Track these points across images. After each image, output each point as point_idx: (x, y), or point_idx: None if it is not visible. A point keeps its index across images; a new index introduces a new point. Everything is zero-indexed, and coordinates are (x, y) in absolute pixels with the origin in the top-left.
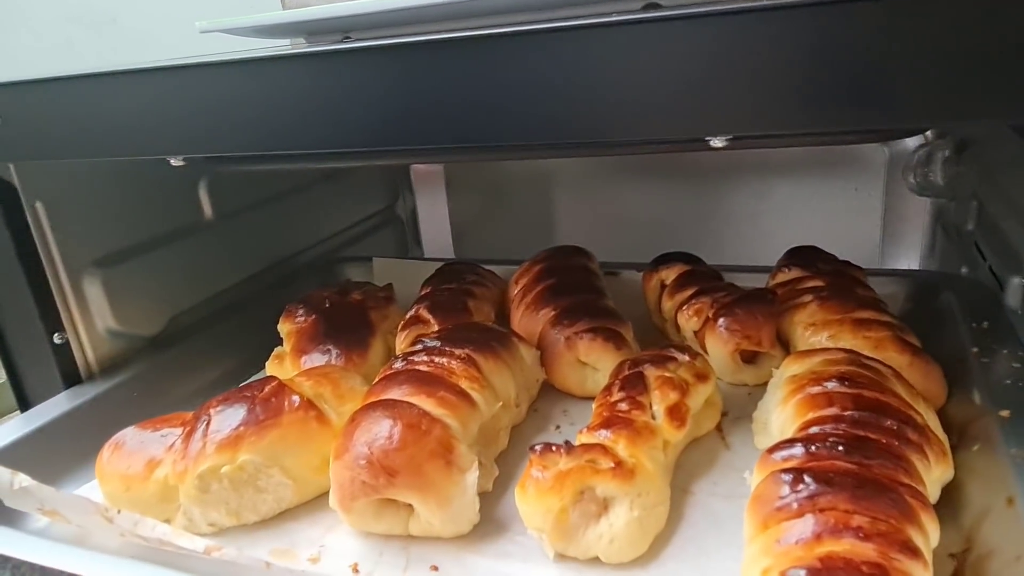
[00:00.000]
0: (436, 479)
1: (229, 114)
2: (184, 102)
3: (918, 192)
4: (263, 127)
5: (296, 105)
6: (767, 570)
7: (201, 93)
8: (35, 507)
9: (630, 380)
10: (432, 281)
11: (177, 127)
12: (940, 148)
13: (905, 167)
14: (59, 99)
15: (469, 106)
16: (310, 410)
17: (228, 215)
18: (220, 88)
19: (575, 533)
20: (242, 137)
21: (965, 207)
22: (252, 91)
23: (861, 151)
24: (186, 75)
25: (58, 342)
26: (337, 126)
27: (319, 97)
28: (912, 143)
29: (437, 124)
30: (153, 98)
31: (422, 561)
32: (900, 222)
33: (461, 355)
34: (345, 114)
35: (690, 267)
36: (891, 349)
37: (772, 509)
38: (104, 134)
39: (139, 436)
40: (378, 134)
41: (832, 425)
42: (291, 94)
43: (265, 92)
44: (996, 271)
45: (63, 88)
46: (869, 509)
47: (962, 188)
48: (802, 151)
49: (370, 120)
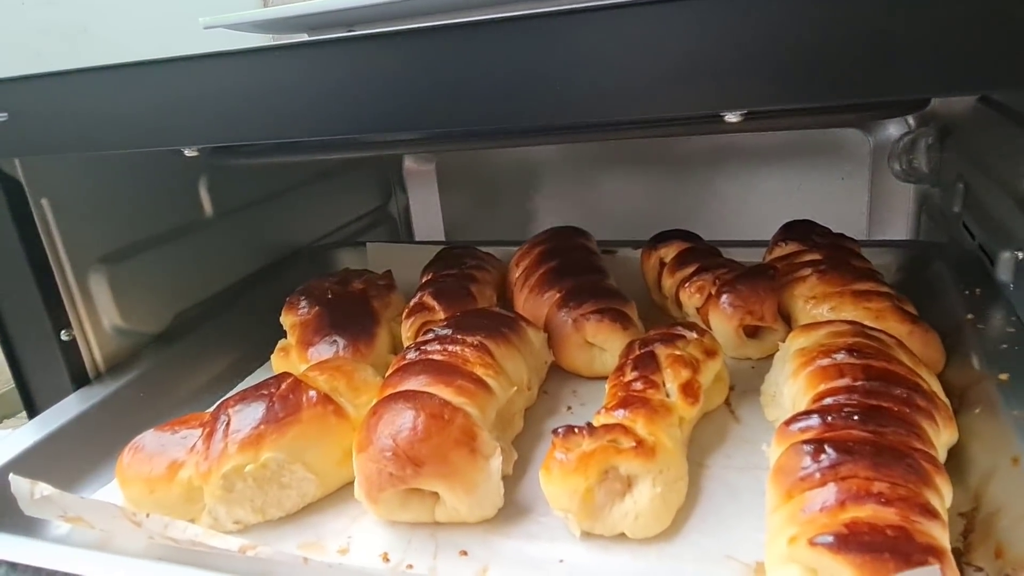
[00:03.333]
0: (462, 467)
1: (239, 104)
2: (194, 93)
3: (903, 178)
4: (273, 116)
5: (304, 94)
6: (794, 538)
7: (211, 84)
8: (57, 515)
9: (642, 360)
10: (433, 267)
11: (188, 118)
12: (923, 135)
13: (890, 155)
14: (67, 93)
15: (478, 90)
16: (328, 404)
17: (227, 213)
18: (230, 78)
19: (601, 512)
20: (252, 126)
21: (951, 190)
22: (261, 81)
23: (847, 140)
24: (195, 66)
25: (65, 339)
26: (344, 113)
27: (327, 85)
28: (896, 131)
29: (446, 108)
30: (163, 90)
31: (451, 546)
32: (885, 209)
33: (474, 343)
34: (352, 101)
35: (689, 244)
36: (892, 319)
37: (795, 479)
38: (113, 127)
39: (158, 439)
40: (385, 119)
41: (845, 396)
42: (299, 83)
43: (274, 81)
44: (985, 247)
45: (71, 82)
46: (888, 475)
47: (947, 173)
48: (790, 140)
49: (377, 106)
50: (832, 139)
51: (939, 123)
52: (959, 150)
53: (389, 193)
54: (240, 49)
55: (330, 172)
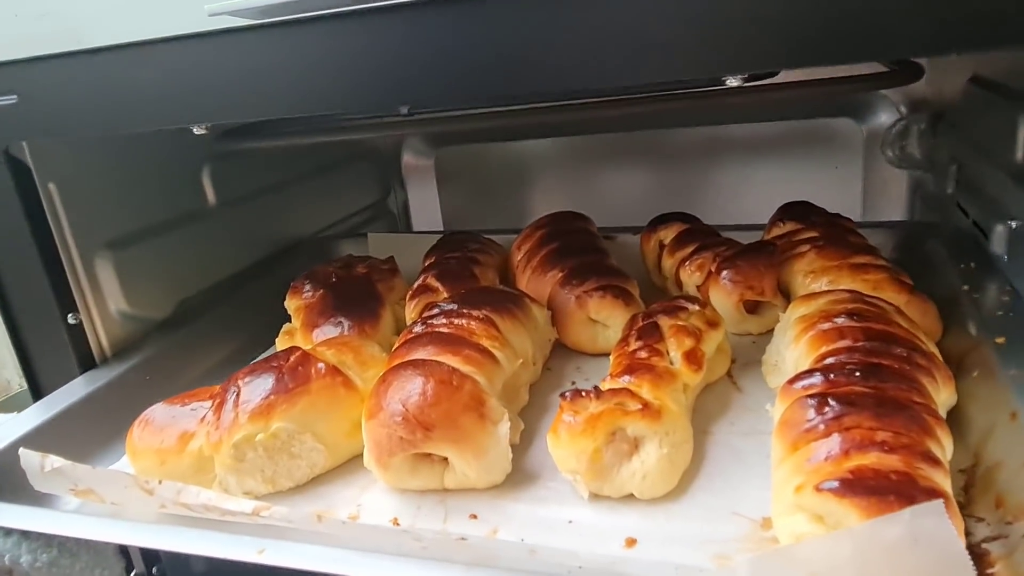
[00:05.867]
0: (471, 431)
1: (246, 81)
2: (201, 71)
3: (897, 165)
4: (278, 92)
5: (309, 69)
6: (800, 487)
7: (217, 61)
8: (68, 488)
9: (646, 330)
10: (436, 251)
11: (196, 96)
12: (915, 121)
13: (883, 142)
14: (75, 74)
15: (479, 61)
16: (337, 376)
17: (229, 203)
18: (235, 56)
19: (609, 472)
20: (259, 102)
21: (943, 173)
22: (265, 58)
23: (840, 130)
24: (201, 45)
25: (72, 323)
26: (348, 88)
27: (330, 60)
28: (888, 119)
29: (446, 81)
30: (170, 68)
31: (460, 511)
32: (879, 196)
33: (479, 316)
34: (359, 75)
35: (688, 225)
36: (889, 290)
37: (800, 431)
38: (122, 107)
39: (169, 411)
40: (387, 94)
41: (846, 355)
42: (303, 59)
43: (277, 58)
44: (980, 223)
45: (79, 63)
46: (891, 425)
47: (939, 156)
48: (784, 131)
49: (379, 81)
50: (825, 129)
51: (930, 109)
52: (951, 133)
53: (388, 188)
54: (244, 26)
55: (330, 166)
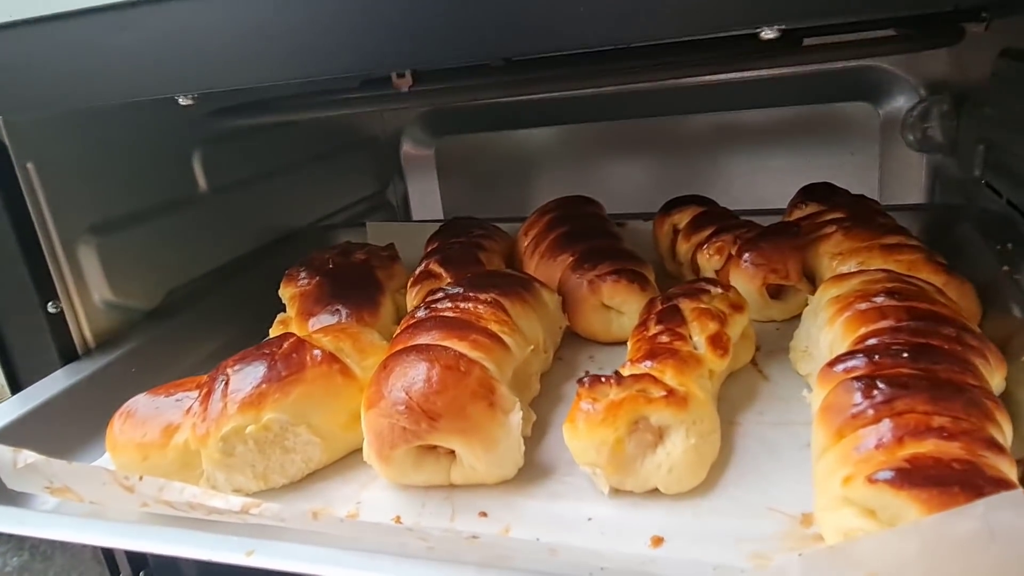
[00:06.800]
0: (480, 421)
1: (236, 44)
2: (186, 34)
3: (917, 149)
4: (266, 55)
5: (300, 30)
6: (849, 478)
7: (204, 23)
8: (43, 486)
9: (666, 313)
10: (438, 236)
11: (180, 61)
12: (937, 103)
13: (903, 125)
14: (49, 40)
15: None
16: (334, 363)
17: (221, 189)
18: (223, 16)
19: (631, 465)
20: (250, 67)
21: (970, 155)
22: (258, 17)
23: (856, 115)
24: (187, 4)
25: (52, 311)
26: (348, 47)
27: (320, 20)
28: (907, 102)
29: (455, 37)
30: (151, 32)
31: (469, 508)
32: (896, 182)
33: (487, 299)
34: (355, 35)
35: (704, 208)
36: (925, 271)
37: (847, 417)
38: (101, 75)
39: (152, 402)
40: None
41: (890, 336)
42: (297, 15)
43: (271, 16)
44: (1014, 202)
45: (53, 28)
46: (948, 409)
47: (965, 139)
48: (798, 117)
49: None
50: (841, 114)
51: (953, 91)
52: (977, 114)
53: (387, 178)
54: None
55: (326, 154)
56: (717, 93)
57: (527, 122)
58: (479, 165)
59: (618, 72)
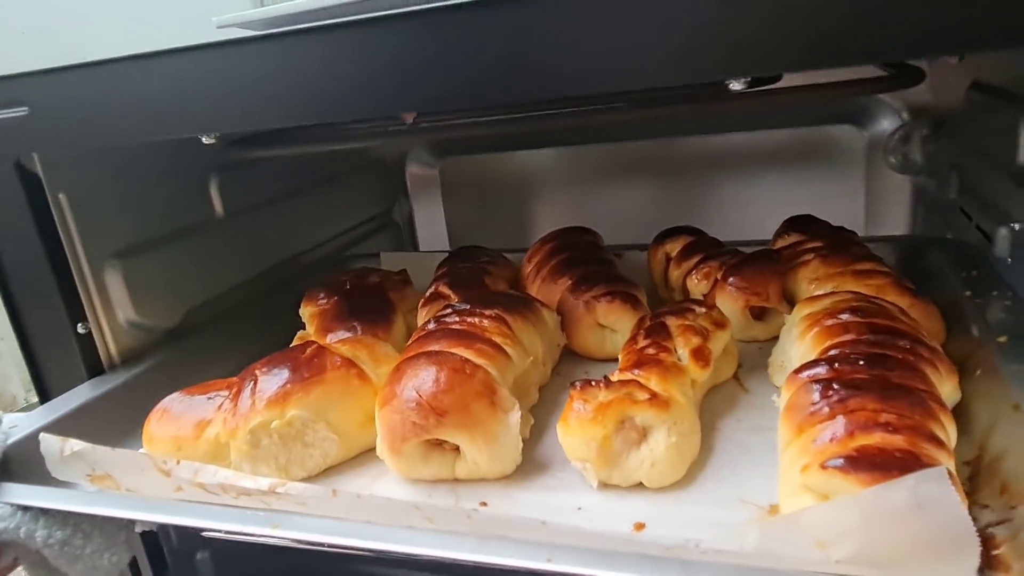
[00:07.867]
0: (483, 418)
1: (256, 90)
2: (211, 81)
3: (899, 171)
4: (286, 101)
5: (315, 78)
6: (806, 466)
7: (227, 71)
8: (85, 474)
9: (654, 328)
10: (448, 263)
11: (206, 106)
12: (917, 128)
13: (885, 149)
14: (86, 85)
15: (491, 65)
16: (351, 368)
17: (236, 213)
18: (245, 66)
19: (618, 460)
20: (267, 111)
21: (946, 179)
22: (273, 67)
23: (842, 138)
24: (210, 55)
25: (82, 332)
26: (358, 94)
27: (335, 69)
28: (890, 126)
29: (451, 85)
30: (179, 79)
31: (470, 499)
32: (882, 203)
33: (491, 314)
34: (365, 83)
35: (694, 238)
36: (892, 293)
37: (806, 415)
38: (132, 118)
39: (186, 400)
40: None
41: (851, 347)
42: (309, 67)
43: (285, 67)
44: (983, 228)
45: (89, 74)
46: (895, 407)
47: (941, 162)
48: (785, 141)
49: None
50: (827, 138)
51: (932, 116)
52: (953, 139)
53: (393, 199)
54: (251, 37)
55: (335, 177)
56: (711, 118)
57: (528, 143)
58: (482, 184)
59: (604, 112)
